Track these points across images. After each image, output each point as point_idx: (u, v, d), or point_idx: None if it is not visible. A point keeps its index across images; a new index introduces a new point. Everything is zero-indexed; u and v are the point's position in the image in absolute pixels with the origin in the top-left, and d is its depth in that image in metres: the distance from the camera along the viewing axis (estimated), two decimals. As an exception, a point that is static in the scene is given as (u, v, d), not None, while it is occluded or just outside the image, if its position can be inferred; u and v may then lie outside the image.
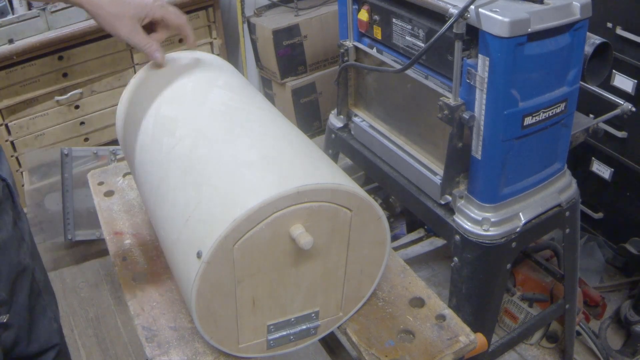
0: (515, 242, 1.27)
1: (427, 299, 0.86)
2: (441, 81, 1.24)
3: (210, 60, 1.00)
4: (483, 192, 1.24)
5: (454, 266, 1.33)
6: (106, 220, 1.07)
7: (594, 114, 1.54)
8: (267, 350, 0.80)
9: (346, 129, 1.61)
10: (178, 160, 0.78)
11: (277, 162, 0.74)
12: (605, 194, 1.82)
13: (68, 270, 2.20)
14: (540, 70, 1.13)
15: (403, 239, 2.05)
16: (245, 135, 0.79)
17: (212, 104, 0.86)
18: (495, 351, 1.49)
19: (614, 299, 1.90)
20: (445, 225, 1.32)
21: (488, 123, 1.15)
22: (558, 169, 1.32)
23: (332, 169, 0.76)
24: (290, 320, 0.79)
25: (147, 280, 0.91)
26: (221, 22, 2.48)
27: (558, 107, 1.19)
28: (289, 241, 0.70)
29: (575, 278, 1.53)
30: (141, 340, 0.81)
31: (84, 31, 2.10)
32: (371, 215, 0.75)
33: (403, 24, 1.28)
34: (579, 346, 1.76)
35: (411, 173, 1.39)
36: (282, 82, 2.43)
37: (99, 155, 2.17)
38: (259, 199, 0.66)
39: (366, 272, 0.81)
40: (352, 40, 1.47)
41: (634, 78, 1.58)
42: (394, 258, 0.94)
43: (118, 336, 1.94)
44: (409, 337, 0.81)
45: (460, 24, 1.05)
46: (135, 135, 0.89)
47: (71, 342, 1.92)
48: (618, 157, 1.73)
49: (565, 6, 1.10)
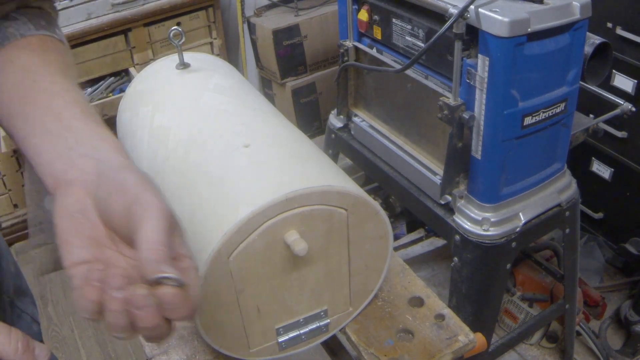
0: (515, 242, 1.27)
1: (426, 298, 0.86)
2: (441, 81, 1.24)
3: (202, 62, 0.99)
4: (483, 192, 1.24)
5: (454, 266, 1.33)
6: (106, 220, 1.06)
7: (594, 114, 1.54)
8: (279, 352, 0.79)
9: (346, 129, 1.61)
10: (172, 172, 0.78)
11: (266, 168, 0.73)
12: (605, 194, 1.82)
13: (68, 271, 2.20)
14: (540, 70, 1.13)
15: (403, 239, 2.04)
16: (234, 141, 0.78)
17: (202, 110, 0.85)
18: (495, 351, 1.49)
19: (614, 299, 1.90)
20: (445, 225, 1.32)
21: (488, 123, 1.15)
22: (558, 169, 1.32)
23: (324, 169, 0.75)
24: (299, 321, 0.78)
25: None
26: (221, 22, 2.48)
27: (558, 107, 1.19)
28: (285, 247, 0.69)
29: (575, 278, 1.53)
30: (141, 340, 0.81)
31: (84, 31, 2.10)
32: (368, 211, 0.74)
33: (403, 24, 1.28)
34: (579, 346, 1.76)
35: (411, 173, 1.39)
36: (282, 82, 2.43)
37: (99, 155, 2.17)
38: (248, 209, 0.65)
39: (372, 267, 0.81)
40: (352, 40, 1.47)
41: (634, 78, 1.58)
42: (393, 258, 0.94)
43: (118, 336, 1.94)
44: (408, 336, 0.81)
45: (460, 24, 1.05)
46: (134, 147, 0.88)
47: (71, 342, 1.92)
48: (618, 157, 1.73)
49: (565, 6, 1.10)
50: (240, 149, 0.76)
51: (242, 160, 0.74)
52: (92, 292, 0.45)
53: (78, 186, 0.51)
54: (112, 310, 0.44)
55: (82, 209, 0.49)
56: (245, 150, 0.76)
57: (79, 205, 0.49)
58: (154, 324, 0.44)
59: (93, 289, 0.45)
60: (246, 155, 0.75)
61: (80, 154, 0.53)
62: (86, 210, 0.49)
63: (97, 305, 0.45)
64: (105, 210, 0.49)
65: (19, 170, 2.26)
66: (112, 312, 0.44)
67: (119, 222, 0.48)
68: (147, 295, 0.43)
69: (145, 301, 0.43)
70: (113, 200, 0.48)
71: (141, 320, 0.44)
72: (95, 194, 0.50)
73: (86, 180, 0.51)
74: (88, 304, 0.45)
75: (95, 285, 0.45)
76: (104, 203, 0.49)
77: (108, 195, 0.49)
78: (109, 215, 0.49)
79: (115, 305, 0.44)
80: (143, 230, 0.45)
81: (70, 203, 0.50)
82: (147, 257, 0.44)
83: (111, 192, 0.49)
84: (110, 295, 0.44)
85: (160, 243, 0.45)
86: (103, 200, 0.49)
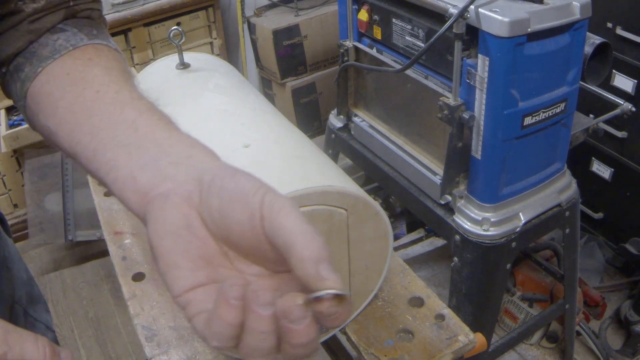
0: (515, 242, 1.27)
1: (426, 298, 0.86)
2: (441, 81, 1.24)
3: (202, 62, 0.99)
4: (483, 192, 1.24)
5: (454, 266, 1.33)
6: (106, 220, 1.07)
7: (594, 114, 1.54)
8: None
9: (346, 129, 1.61)
10: None
11: (266, 168, 0.72)
12: (605, 194, 1.82)
13: (68, 271, 2.20)
14: (540, 70, 1.13)
15: (403, 239, 2.04)
16: (234, 141, 0.78)
17: (202, 110, 0.85)
18: (495, 351, 1.49)
19: (614, 299, 1.90)
20: (445, 225, 1.32)
21: (488, 123, 1.15)
22: (558, 169, 1.32)
23: (324, 169, 0.75)
24: None
25: (147, 280, 0.91)
26: (221, 22, 2.48)
27: (558, 107, 1.19)
28: None
29: (575, 278, 1.53)
30: (141, 340, 0.81)
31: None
32: (368, 211, 0.74)
33: (403, 24, 1.28)
34: (579, 346, 1.76)
35: (411, 173, 1.39)
36: (282, 82, 2.43)
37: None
38: None
39: (372, 267, 0.81)
40: (352, 41, 1.47)
41: (634, 78, 1.58)
42: (393, 258, 0.94)
43: (118, 336, 1.94)
44: (408, 336, 0.81)
45: (460, 24, 1.05)
46: None
47: (71, 342, 1.92)
48: (618, 157, 1.73)
49: (565, 6, 1.10)
50: (240, 149, 0.76)
51: (242, 160, 0.74)
52: (232, 313, 0.36)
53: (178, 198, 0.42)
54: (258, 332, 0.36)
55: (187, 224, 0.41)
56: (245, 150, 0.76)
57: (183, 221, 0.41)
58: (310, 338, 0.36)
59: (232, 309, 0.36)
60: (246, 155, 0.75)
61: (171, 162, 0.44)
62: (192, 226, 0.41)
63: (236, 330, 0.37)
64: (222, 224, 0.40)
65: (19, 170, 2.26)
66: (258, 333, 0.36)
67: (240, 235, 0.40)
68: (304, 305, 0.36)
69: (304, 312, 0.36)
70: (232, 210, 0.39)
71: (296, 336, 0.36)
72: (201, 206, 0.41)
73: (187, 190, 0.42)
74: (226, 329, 0.37)
75: (234, 304, 0.36)
76: (219, 215, 0.40)
77: (223, 205, 0.40)
78: (228, 228, 0.40)
79: (264, 326, 0.36)
80: (295, 239, 0.37)
81: (172, 219, 0.41)
82: (309, 272, 0.36)
83: (226, 199, 0.40)
84: (258, 314, 0.36)
85: (322, 251, 0.36)
86: (216, 212, 0.40)
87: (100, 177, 0.48)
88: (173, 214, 0.41)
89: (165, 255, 0.40)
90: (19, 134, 2.12)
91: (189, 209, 0.41)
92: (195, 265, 0.40)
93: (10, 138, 2.11)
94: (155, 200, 0.42)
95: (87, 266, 2.22)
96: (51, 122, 0.52)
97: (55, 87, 0.53)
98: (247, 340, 0.37)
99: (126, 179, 0.45)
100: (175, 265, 0.39)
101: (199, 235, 0.41)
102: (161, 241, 0.40)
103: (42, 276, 2.16)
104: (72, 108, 0.51)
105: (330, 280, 0.35)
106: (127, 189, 0.45)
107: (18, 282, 0.87)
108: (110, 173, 0.46)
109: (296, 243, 0.36)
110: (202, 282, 0.39)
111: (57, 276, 2.17)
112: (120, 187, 0.45)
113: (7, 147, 2.13)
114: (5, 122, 2.18)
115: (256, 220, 0.38)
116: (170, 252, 0.40)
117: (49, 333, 0.93)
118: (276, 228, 0.38)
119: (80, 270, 2.20)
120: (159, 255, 0.40)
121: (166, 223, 0.41)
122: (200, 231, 0.41)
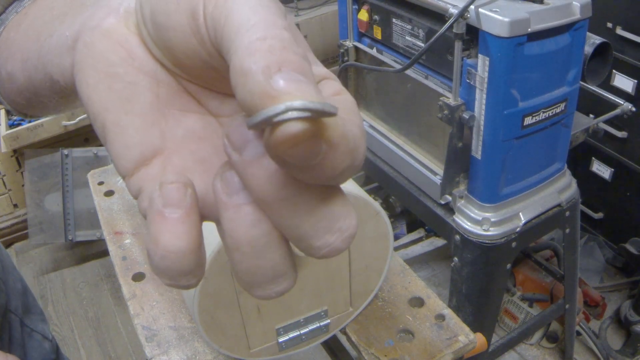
0: (515, 242, 1.27)
1: (426, 298, 0.86)
2: (441, 81, 1.24)
3: None
4: (483, 192, 1.24)
5: (454, 266, 1.33)
6: (106, 220, 1.07)
7: (594, 114, 1.54)
8: (279, 352, 0.80)
9: (346, 129, 1.61)
10: None
11: None
12: (605, 194, 1.82)
13: (68, 271, 2.20)
14: (540, 70, 1.13)
15: (403, 239, 2.05)
16: None
17: None
18: (495, 351, 1.49)
19: (614, 299, 1.90)
20: (445, 225, 1.32)
21: (488, 123, 1.15)
22: (558, 169, 1.32)
23: None
24: (300, 321, 0.78)
25: (147, 280, 0.91)
26: (221, 22, 2.48)
27: (558, 107, 1.19)
28: None
29: (575, 278, 1.53)
30: (141, 340, 0.81)
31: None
32: (368, 211, 0.74)
33: (403, 24, 1.28)
34: (579, 346, 1.76)
35: (411, 173, 1.39)
36: (282, 82, 2.43)
37: (99, 156, 2.17)
38: None
39: (372, 267, 0.81)
40: (352, 40, 1.47)
41: (634, 78, 1.58)
42: (393, 258, 0.94)
43: (118, 336, 1.94)
44: (409, 336, 0.81)
45: (460, 24, 1.05)
46: None
47: (71, 342, 1.92)
48: (618, 157, 1.73)
49: (565, 6, 1.10)
50: None
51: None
52: (170, 230, 0.24)
53: (110, 19, 0.27)
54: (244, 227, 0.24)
55: (125, 56, 0.27)
56: None
57: (118, 52, 0.26)
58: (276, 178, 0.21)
59: (169, 224, 0.24)
60: None
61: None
62: (133, 55, 0.27)
63: (188, 256, 0.25)
64: (157, 38, 0.26)
65: (19, 170, 2.26)
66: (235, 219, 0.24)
67: (184, 50, 0.25)
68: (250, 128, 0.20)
69: (258, 149, 0.21)
70: (166, 10, 0.24)
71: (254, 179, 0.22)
72: (141, 24, 0.27)
73: (120, 5, 0.28)
74: (170, 258, 0.24)
75: (170, 217, 0.24)
76: (152, 25, 0.26)
77: (155, 6, 0.25)
78: (165, 42, 0.26)
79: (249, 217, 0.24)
80: (238, 36, 0.21)
81: (102, 52, 0.26)
82: (253, 87, 0.19)
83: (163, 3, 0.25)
84: (234, 204, 0.24)
85: (277, 28, 0.21)
86: (150, 23, 0.26)
87: (38, 60, 0.35)
88: (104, 45, 0.27)
89: (102, 113, 0.26)
90: (19, 134, 2.13)
91: (124, 28, 0.27)
92: (144, 120, 0.26)
93: (10, 138, 2.11)
94: (82, 37, 0.27)
95: (87, 266, 2.22)
96: (10, 64, 0.42)
97: (14, 30, 0.43)
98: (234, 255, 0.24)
99: (59, 45, 0.31)
100: (116, 127, 0.26)
101: (145, 68, 0.27)
102: (93, 93, 0.26)
103: (42, 276, 2.16)
104: (27, 33, 0.39)
105: (291, 90, 0.19)
106: (59, 44, 0.31)
107: (14, 292, 0.86)
108: (42, 41, 0.34)
109: (239, 42, 0.20)
110: (156, 148, 0.26)
111: (57, 276, 2.17)
112: (51, 44, 0.32)
113: (7, 147, 2.13)
114: (5, 122, 2.18)
115: (199, 19, 0.23)
116: (107, 107, 0.26)
117: (46, 342, 0.92)
118: (218, 25, 0.22)
119: (80, 270, 2.20)
120: (93, 114, 0.26)
121: (95, 60, 0.26)
122: (146, 62, 0.27)
